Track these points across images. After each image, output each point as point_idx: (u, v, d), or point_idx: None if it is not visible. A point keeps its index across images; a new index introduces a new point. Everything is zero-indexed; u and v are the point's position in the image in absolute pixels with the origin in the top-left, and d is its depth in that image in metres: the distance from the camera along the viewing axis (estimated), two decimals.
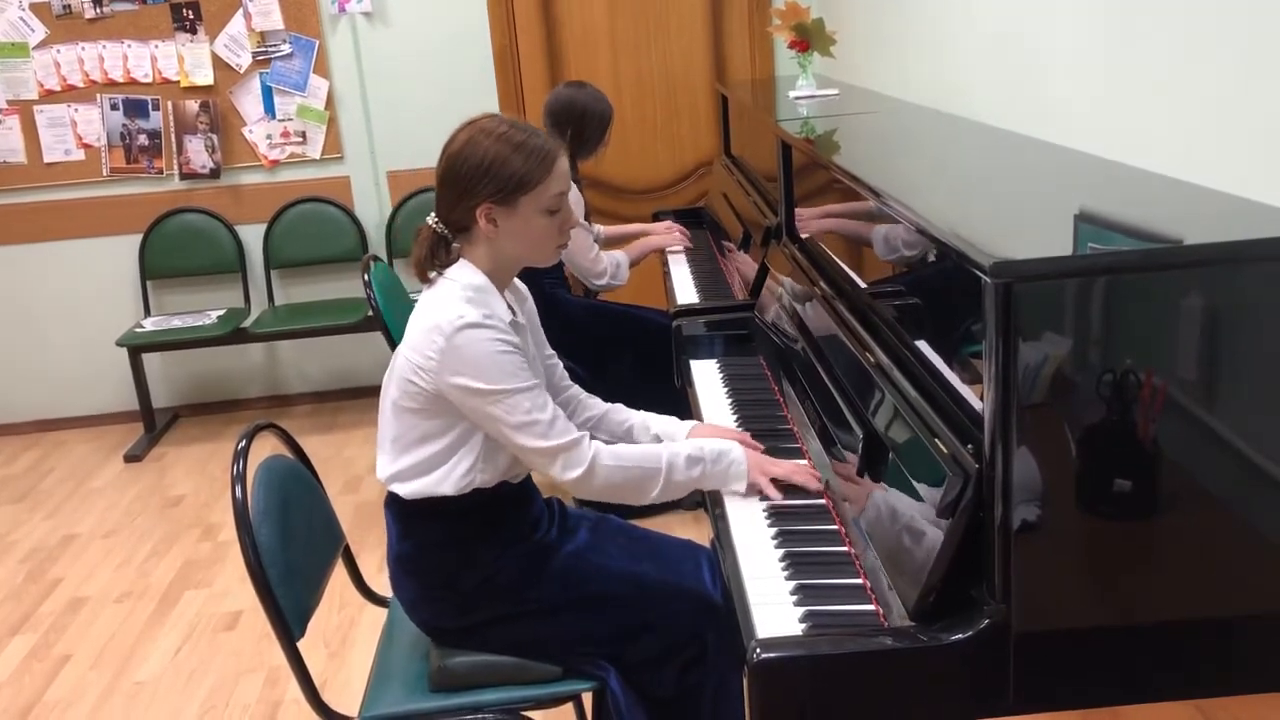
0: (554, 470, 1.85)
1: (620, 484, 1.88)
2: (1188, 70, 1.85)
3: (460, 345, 1.77)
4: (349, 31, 4.66)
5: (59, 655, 3.15)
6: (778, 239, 2.80)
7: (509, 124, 1.85)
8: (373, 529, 3.66)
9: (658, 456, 1.90)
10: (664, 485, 1.89)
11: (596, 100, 3.51)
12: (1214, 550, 1.37)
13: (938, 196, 1.81)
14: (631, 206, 4.79)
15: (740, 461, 1.93)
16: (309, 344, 4.94)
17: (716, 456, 1.92)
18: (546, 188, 1.84)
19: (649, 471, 1.89)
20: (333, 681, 2.88)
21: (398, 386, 1.87)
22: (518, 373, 1.80)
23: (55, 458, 4.70)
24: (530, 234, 1.87)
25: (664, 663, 1.96)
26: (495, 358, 1.78)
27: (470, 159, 1.81)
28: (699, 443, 1.96)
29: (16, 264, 4.81)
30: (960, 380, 1.52)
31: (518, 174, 1.81)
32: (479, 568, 1.93)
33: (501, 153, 1.80)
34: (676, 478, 1.90)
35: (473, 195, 1.82)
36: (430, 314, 1.81)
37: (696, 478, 1.92)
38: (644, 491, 1.90)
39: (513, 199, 1.82)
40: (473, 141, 1.82)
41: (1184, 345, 1.31)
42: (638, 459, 1.90)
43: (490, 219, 1.83)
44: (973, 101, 2.80)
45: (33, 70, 4.63)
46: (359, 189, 4.82)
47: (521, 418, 1.80)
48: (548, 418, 1.82)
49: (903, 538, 1.53)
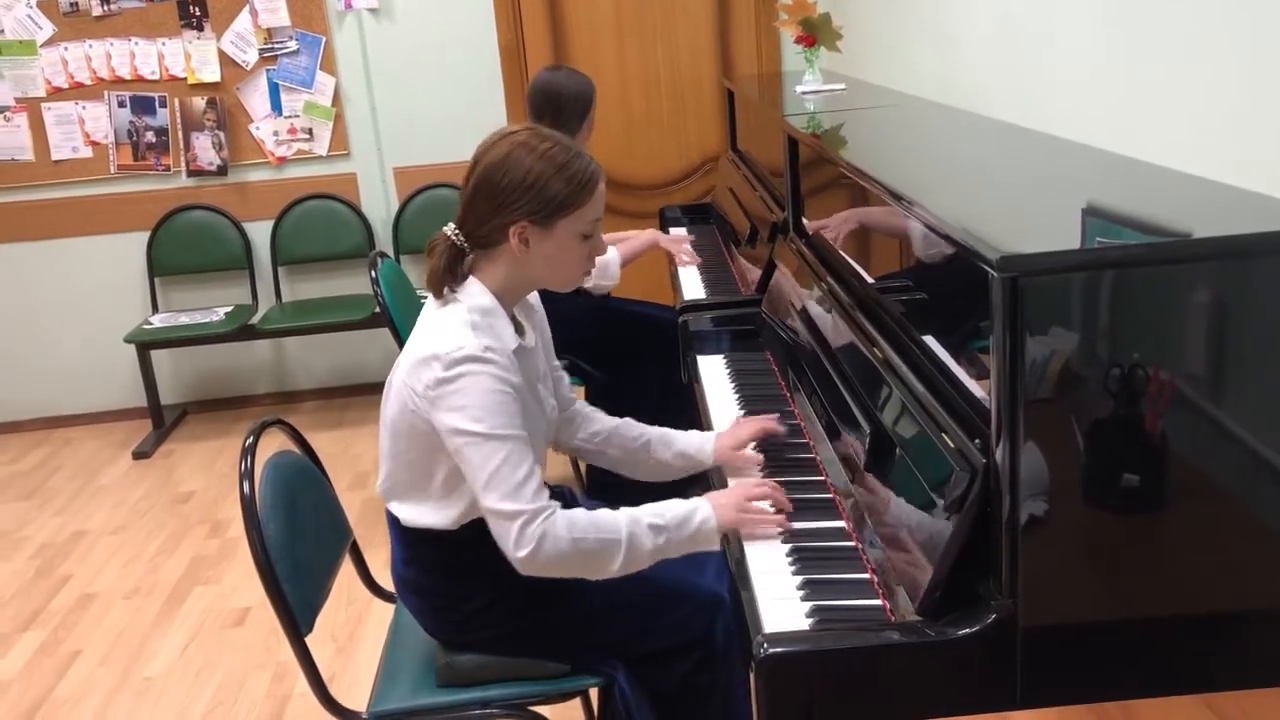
0: (502, 541, 1.70)
1: (573, 558, 1.72)
2: (1196, 62, 1.84)
3: (453, 378, 1.68)
4: (355, 28, 4.66)
5: (68, 651, 3.16)
6: (784, 234, 2.79)
7: (553, 141, 1.76)
8: (380, 525, 3.65)
9: (617, 528, 1.73)
10: (626, 557, 1.74)
11: (575, 82, 3.30)
12: (1222, 545, 1.37)
13: (945, 191, 1.80)
14: (637, 202, 4.79)
15: (709, 520, 1.77)
16: (316, 340, 4.95)
17: (680, 522, 1.76)
18: (586, 212, 1.76)
19: (606, 543, 1.73)
20: (341, 677, 2.89)
21: (394, 408, 1.82)
22: (503, 417, 1.69)
23: (64, 454, 4.71)
24: (562, 258, 1.78)
25: (672, 660, 1.95)
26: (486, 397, 1.68)
27: (512, 173, 1.72)
28: (661, 508, 1.78)
29: (25, 261, 4.82)
30: (967, 375, 1.52)
31: (560, 195, 1.72)
32: (484, 592, 1.90)
33: (546, 171, 1.72)
34: (641, 547, 1.74)
35: (508, 212, 1.73)
36: (431, 340, 1.73)
37: (662, 546, 1.76)
38: (602, 566, 1.74)
39: (551, 221, 1.74)
40: (514, 156, 1.73)
41: (1192, 339, 1.30)
42: (595, 529, 1.72)
43: (523, 239, 1.75)
44: (979, 95, 2.79)
45: (40, 68, 4.63)
46: (366, 185, 4.83)
47: (492, 468, 1.68)
48: (519, 478, 1.69)
49: (909, 533, 1.52)
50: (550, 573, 1.74)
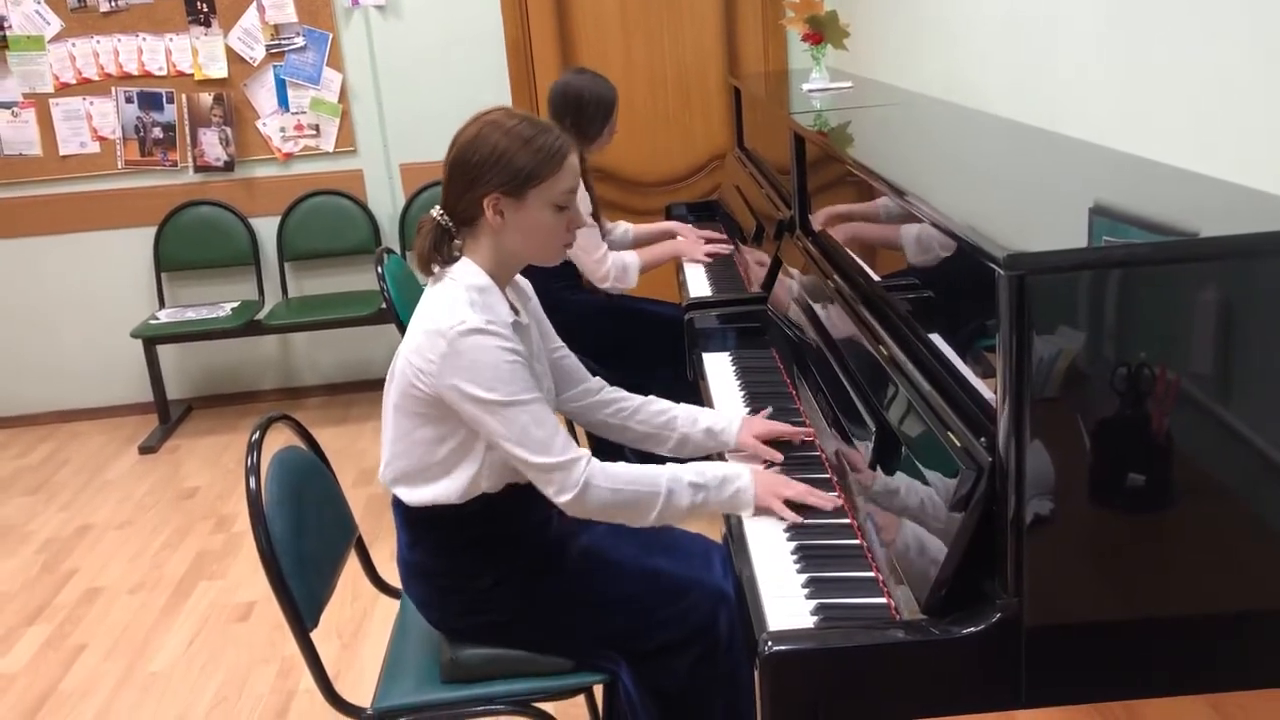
0: (547, 489, 1.80)
1: (615, 507, 1.82)
2: (1203, 61, 1.84)
3: (463, 351, 1.74)
4: (362, 24, 4.66)
5: (74, 645, 3.17)
6: (791, 232, 2.79)
7: (521, 118, 1.84)
8: (385, 520, 3.66)
9: (657, 481, 1.83)
10: (662, 510, 1.83)
11: (597, 86, 3.34)
12: (1228, 545, 1.36)
13: (951, 189, 1.80)
14: (644, 199, 4.79)
15: (747, 489, 1.85)
16: (322, 336, 4.96)
17: (721, 483, 1.85)
18: (556, 182, 1.83)
19: (646, 495, 1.82)
20: (345, 673, 2.89)
21: (398, 390, 1.85)
22: (518, 383, 1.76)
23: (70, 449, 4.72)
24: (537, 229, 1.85)
25: (676, 655, 1.96)
26: (498, 366, 1.75)
27: (481, 148, 1.80)
28: (702, 467, 1.88)
29: (32, 256, 4.84)
30: (973, 373, 1.52)
31: (528, 166, 1.80)
32: (489, 572, 1.92)
33: (513, 145, 1.80)
34: (678, 503, 1.83)
35: (481, 185, 1.81)
36: (432, 317, 1.79)
37: (699, 503, 1.84)
38: (641, 515, 1.83)
39: (522, 191, 1.81)
40: (483, 133, 1.82)
41: (1199, 339, 1.30)
42: (636, 482, 1.82)
43: (498, 210, 1.82)
44: (986, 93, 2.79)
45: (48, 63, 4.64)
46: (372, 182, 4.83)
47: (518, 431, 1.76)
48: (545, 433, 1.77)
49: (915, 531, 1.52)
50: (593, 516, 1.83)
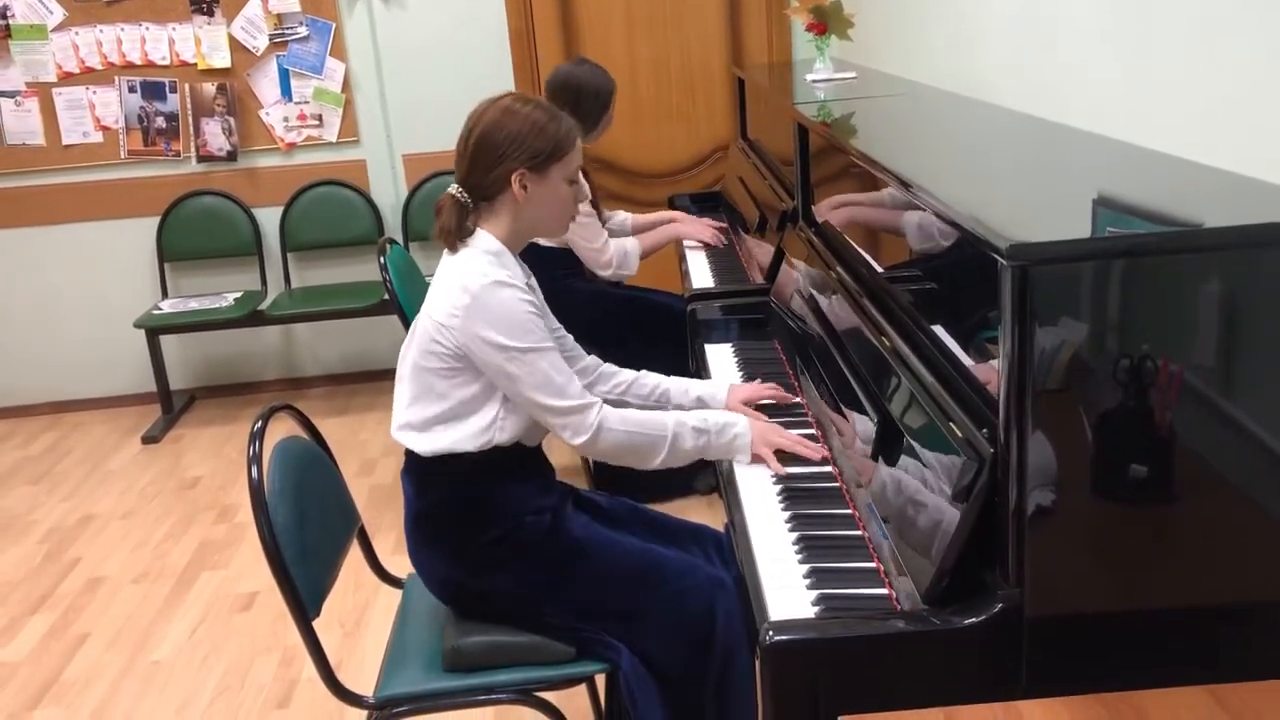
0: (564, 432, 1.93)
1: (625, 448, 1.97)
2: (1208, 51, 1.83)
3: (487, 301, 1.87)
4: (365, 14, 4.66)
5: (77, 634, 3.18)
6: (794, 223, 2.79)
7: (535, 101, 1.98)
8: (387, 510, 3.68)
9: (664, 425, 1.98)
10: (669, 453, 1.98)
11: (594, 76, 3.33)
12: (1229, 536, 1.36)
13: (955, 180, 1.79)
14: (647, 190, 4.78)
15: (744, 434, 2.01)
16: (325, 327, 4.96)
17: (721, 429, 2.01)
18: (573, 158, 1.99)
19: (654, 439, 1.97)
20: (348, 662, 2.90)
21: (419, 349, 1.95)
22: (537, 332, 1.90)
23: (73, 439, 4.73)
24: (555, 201, 1.99)
25: (675, 641, 1.97)
26: (519, 316, 1.88)
27: (507, 127, 1.93)
28: (705, 414, 2.04)
29: (35, 246, 4.84)
30: (976, 364, 1.52)
31: (552, 142, 1.94)
32: (497, 523, 1.97)
33: (536, 124, 1.93)
34: (682, 446, 1.98)
35: (508, 161, 1.92)
36: (455, 275, 1.91)
37: (701, 447, 2.00)
38: (648, 458, 1.98)
39: (545, 166, 1.95)
40: (510, 112, 1.94)
41: (1202, 330, 1.30)
42: (645, 425, 1.97)
43: (523, 184, 1.94)
44: (991, 84, 2.78)
45: (51, 52, 4.64)
46: (375, 172, 4.83)
47: (539, 376, 1.89)
48: (563, 379, 1.92)
49: (916, 522, 1.52)
50: (605, 458, 1.99)
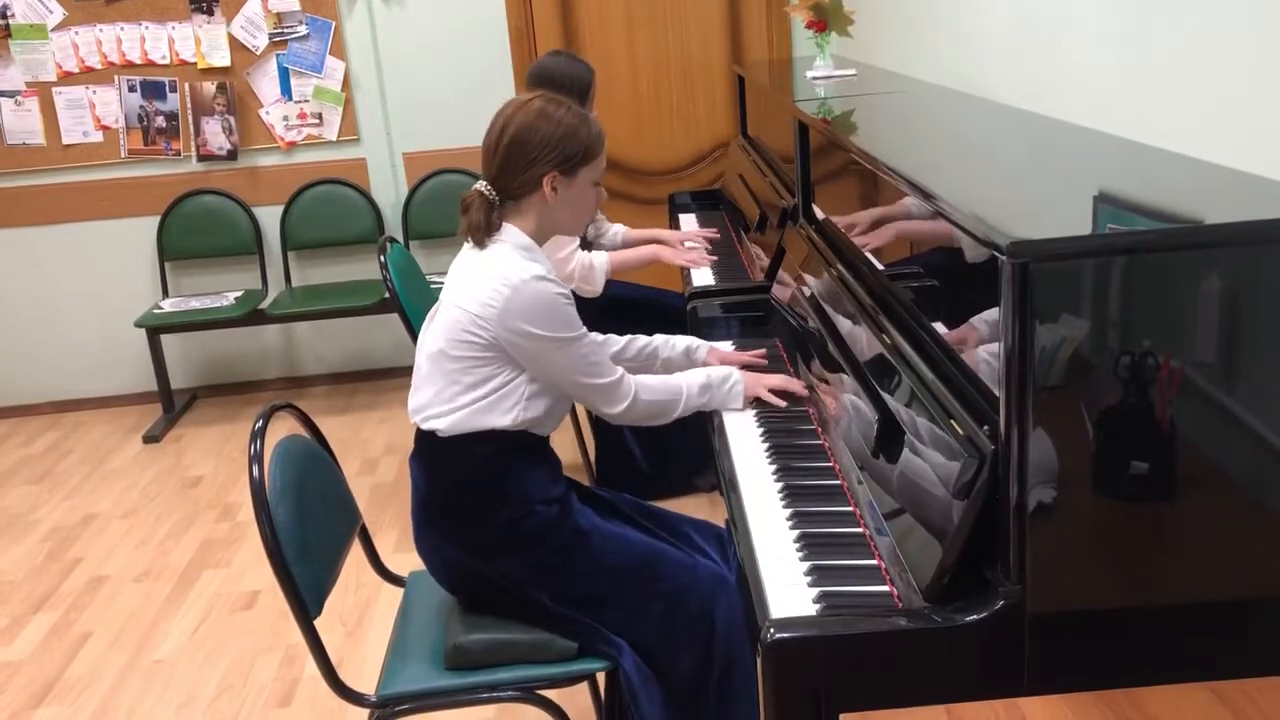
0: (606, 406, 2.09)
1: (655, 408, 2.16)
2: (1209, 48, 1.83)
3: (530, 297, 1.93)
4: (365, 12, 4.66)
5: (79, 633, 3.18)
6: (794, 220, 2.79)
7: (567, 105, 2.04)
8: (389, 509, 3.68)
9: (678, 389, 2.19)
10: (683, 409, 2.19)
11: (569, 66, 3.26)
12: (1230, 533, 1.36)
13: (955, 177, 1.79)
14: (647, 188, 4.78)
15: (739, 381, 2.25)
16: (325, 326, 4.96)
17: (721, 380, 2.24)
18: (601, 161, 2.06)
19: (672, 399, 2.17)
20: (349, 660, 2.90)
21: (446, 337, 1.98)
22: (576, 321, 1.99)
23: (74, 439, 4.73)
24: (581, 202, 2.07)
25: (675, 637, 1.97)
26: (563, 309, 1.96)
27: (541, 130, 1.98)
28: (707, 371, 2.27)
29: (35, 246, 4.84)
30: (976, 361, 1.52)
31: (583, 146, 2.01)
32: (510, 507, 1.99)
33: (572, 125, 2.00)
34: (692, 403, 2.20)
35: (541, 164, 1.98)
36: (494, 268, 1.96)
37: (707, 400, 2.22)
38: (669, 415, 2.19)
39: (575, 169, 2.02)
40: (544, 115, 1.99)
41: (1203, 327, 1.29)
42: (663, 389, 2.17)
43: (553, 186, 2.00)
44: (991, 80, 2.78)
45: (51, 52, 4.64)
46: (375, 171, 4.83)
47: (584, 362, 2.01)
48: (599, 359, 2.05)
49: (918, 519, 1.52)
50: (635, 421, 2.17)
